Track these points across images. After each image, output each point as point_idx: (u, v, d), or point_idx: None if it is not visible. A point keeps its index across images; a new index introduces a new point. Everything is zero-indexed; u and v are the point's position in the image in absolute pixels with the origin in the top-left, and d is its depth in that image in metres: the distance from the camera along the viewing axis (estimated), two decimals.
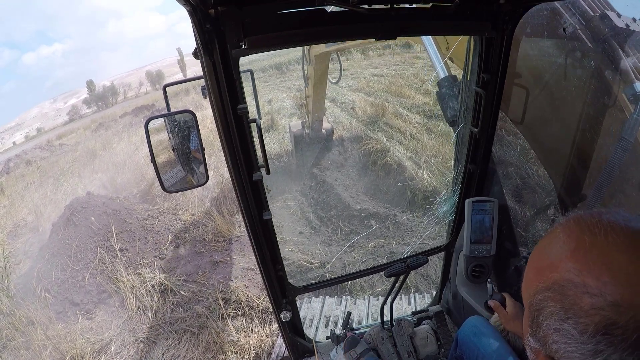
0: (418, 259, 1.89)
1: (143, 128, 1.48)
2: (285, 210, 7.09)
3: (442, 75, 2.30)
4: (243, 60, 1.22)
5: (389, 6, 1.20)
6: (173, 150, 1.58)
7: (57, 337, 4.85)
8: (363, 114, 11.05)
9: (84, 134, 27.93)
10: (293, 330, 2.19)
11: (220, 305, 4.74)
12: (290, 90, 16.83)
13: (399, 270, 1.88)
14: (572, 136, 1.60)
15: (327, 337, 2.31)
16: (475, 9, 1.38)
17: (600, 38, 1.39)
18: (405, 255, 2.10)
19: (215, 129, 1.28)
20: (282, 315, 1.91)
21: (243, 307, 4.73)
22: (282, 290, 1.90)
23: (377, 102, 11.76)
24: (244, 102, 1.26)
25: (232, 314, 4.67)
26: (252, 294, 4.86)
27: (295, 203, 7.42)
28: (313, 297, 4.34)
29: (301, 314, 3.96)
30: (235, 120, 1.27)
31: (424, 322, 2.38)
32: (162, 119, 1.56)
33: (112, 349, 4.66)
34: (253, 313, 4.66)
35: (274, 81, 20.31)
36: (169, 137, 1.60)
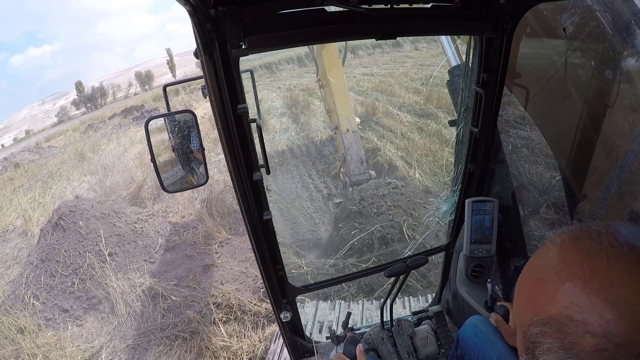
0: (418, 259, 1.89)
1: (132, 129, 1.46)
2: None
3: (453, 63, 2.20)
4: (243, 60, 1.21)
5: (389, 6, 1.19)
6: (173, 150, 1.57)
7: (47, 344, 4.76)
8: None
9: (72, 136, 27.57)
10: (293, 330, 2.19)
11: (212, 309, 4.69)
12: (280, 90, 16.83)
13: (399, 270, 1.88)
14: (572, 135, 1.61)
15: (327, 337, 2.30)
16: (475, 9, 1.38)
17: (622, 21, 1.31)
18: (406, 255, 2.10)
19: (212, 126, 1.26)
20: (282, 316, 1.91)
21: (235, 311, 4.68)
22: (282, 291, 1.89)
23: (367, 101, 11.86)
24: (244, 102, 1.26)
25: (224, 318, 4.62)
26: (244, 297, 4.80)
27: None
28: (313, 297, 4.32)
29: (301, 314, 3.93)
30: (235, 120, 1.26)
31: (424, 322, 2.37)
32: (162, 118, 1.55)
33: (103, 356, 4.60)
34: (245, 317, 4.61)
35: (264, 81, 20.34)
36: (169, 137, 1.59)
